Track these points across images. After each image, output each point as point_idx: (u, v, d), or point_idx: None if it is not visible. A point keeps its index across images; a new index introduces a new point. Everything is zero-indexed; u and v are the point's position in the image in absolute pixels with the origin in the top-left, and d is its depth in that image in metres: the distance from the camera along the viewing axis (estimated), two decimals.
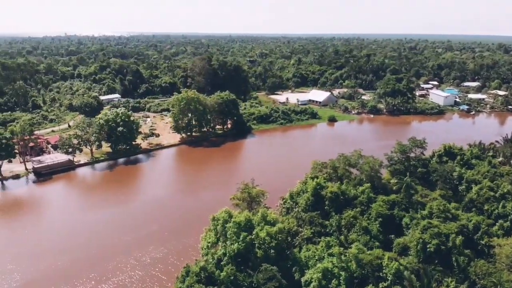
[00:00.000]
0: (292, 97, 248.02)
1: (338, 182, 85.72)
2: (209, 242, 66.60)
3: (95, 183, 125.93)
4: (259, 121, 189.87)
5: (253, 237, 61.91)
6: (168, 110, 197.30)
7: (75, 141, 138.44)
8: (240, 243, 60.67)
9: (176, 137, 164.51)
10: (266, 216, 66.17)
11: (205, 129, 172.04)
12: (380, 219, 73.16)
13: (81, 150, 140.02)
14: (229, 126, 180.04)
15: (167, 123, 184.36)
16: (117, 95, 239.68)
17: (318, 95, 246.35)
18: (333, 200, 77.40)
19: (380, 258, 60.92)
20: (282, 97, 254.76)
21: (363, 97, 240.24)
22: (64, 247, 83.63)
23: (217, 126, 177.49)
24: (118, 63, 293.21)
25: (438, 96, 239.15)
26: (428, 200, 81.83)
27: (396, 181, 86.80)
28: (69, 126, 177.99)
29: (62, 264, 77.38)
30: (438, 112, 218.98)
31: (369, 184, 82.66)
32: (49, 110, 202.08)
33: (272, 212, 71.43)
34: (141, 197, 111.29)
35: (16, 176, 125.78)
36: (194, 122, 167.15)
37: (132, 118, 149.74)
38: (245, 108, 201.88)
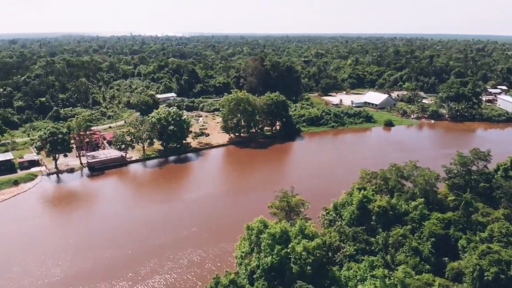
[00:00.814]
0: (346, 99, 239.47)
1: (388, 196, 79.38)
2: (243, 252, 64.01)
3: (144, 180, 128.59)
4: (309, 123, 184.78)
5: (288, 250, 58.32)
6: (219, 110, 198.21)
7: (128, 138, 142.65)
8: (274, 256, 57.38)
9: (225, 137, 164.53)
10: (304, 229, 62.19)
11: (253, 130, 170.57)
12: (433, 239, 66.36)
13: (133, 147, 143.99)
14: (277, 127, 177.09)
15: (218, 122, 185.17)
16: (173, 94, 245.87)
17: (375, 97, 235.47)
18: (381, 215, 71.43)
19: (430, 284, 54.84)
20: (335, 98, 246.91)
21: (423, 100, 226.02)
22: (107, 243, 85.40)
23: (266, 128, 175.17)
24: (176, 62, 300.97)
25: (507, 102, 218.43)
26: (490, 220, 73.06)
27: (454, 197, 78.79)
28: (125, 123, 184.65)
29: (103, 260, 78.80)
30: (506, 119, 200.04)
31: (422, 199, 75.59)
32: (107, 106, 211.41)
33: (311, 224, 67.07)
34: (186, 196, 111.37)
35: (71, 170, 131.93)
36: (243, 123, 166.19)
37: (183, 117, 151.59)
38: (295, 110, 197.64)
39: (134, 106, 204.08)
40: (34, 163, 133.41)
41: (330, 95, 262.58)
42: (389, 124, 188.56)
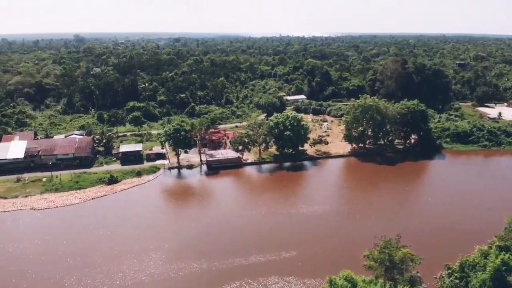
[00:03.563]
0: (507, 113, 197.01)
1: None
2: None
3: (256, 185, 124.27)
4: (454, 139, 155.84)
5: None
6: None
7: (246, 140, 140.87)
8: None
9: (346, 147, 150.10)
10: None
11: (381, 142, 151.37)
12: None
13: (249, 149, 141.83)
14: (412, 141, 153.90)
15: (342, 130, 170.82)
16: (302, 96, 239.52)
17: None
18: None
19: None
20: (493, 111, 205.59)
21: None
22: (205, 247, 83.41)
23: (397, 140, 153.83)
24: (311, 64, 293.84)
25: None
26: None
27: None
28: (246, 123, 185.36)
29: (197, 265, 76.43)
30: None
31: None
32: (238, 106, 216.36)
33: None
34: (294, 209, 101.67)
35: (190, 166, 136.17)
36: (369, 133, 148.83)
37: (302, 123, 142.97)
38: (438, 121, 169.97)
39: (262, 107, 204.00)
40: (160, 156, 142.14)
41: (487, 106, 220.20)
42: None
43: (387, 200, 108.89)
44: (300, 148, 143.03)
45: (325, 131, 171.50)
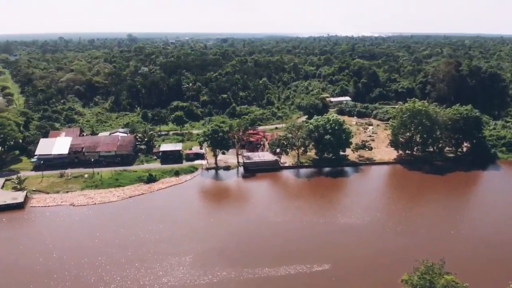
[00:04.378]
0: None
1: None
2: None
3: (294, 190, 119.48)
4: (511, 149, 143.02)
5: None
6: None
7: (284, 143, 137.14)
8: None
9: (392, 154, 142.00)
10: None
11: (430, 149, 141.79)
12: None
13: (287, 152, 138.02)
14: (464, 149, 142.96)
15: (388, 134, 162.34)
16: (347, 98, 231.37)
17: None
18: None
19: None
20: None
21: None
22: (235, 253, 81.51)
23: (447, 148, 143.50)
24: (358, 64, 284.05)
25: None
26: None
27: None
28: (285, 126, 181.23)
29: (225, 273, 74.37)
30: None
31: None
32: (280, 107, 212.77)
33: None
34: (334, 219, 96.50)
35: (227, 167, 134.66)
36: (417, 139, 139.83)
37: (344, 127, 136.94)
38: (493, 129, 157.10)
39: (303, 108, 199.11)
40: (198, 156, 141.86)
41: None
42: None
43: (434, 215, 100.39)
44: (341, 153, 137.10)
45: (370, 136, 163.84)
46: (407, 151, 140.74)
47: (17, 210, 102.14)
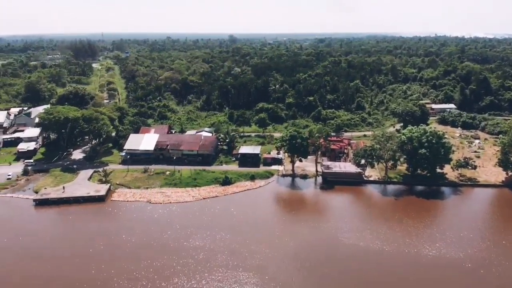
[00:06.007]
0: None
1: None
2: None
3: (378, 209, 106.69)
4: None
5: None
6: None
7: (370, 154, 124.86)
8: None
9: (500, 175, 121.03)
10: None
11: None
12: None
13: (373, 165, 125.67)
14: None
15: (498, 151, 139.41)
16: (451, 106, 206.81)
17: None
18: None
19: None
20: None
21: None
22: (300, 275, 74.67)
23: None
24: (467, 68, 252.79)
25: None
26: None
27: None
28: (372, 135, 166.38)
29: None
30: None
31: None
32: (371, 112, 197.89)
33: None
34: (410, 248, 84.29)
35: (304, 176, 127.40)
36: None
37: (443, 140, 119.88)
38: None
39: (398, 115, 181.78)
40: (276, 161, 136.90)
41: None
42: None
43: None
44: (438, 170, 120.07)
45: (475, 152, 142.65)
46: None
47: (98, 202, 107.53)
